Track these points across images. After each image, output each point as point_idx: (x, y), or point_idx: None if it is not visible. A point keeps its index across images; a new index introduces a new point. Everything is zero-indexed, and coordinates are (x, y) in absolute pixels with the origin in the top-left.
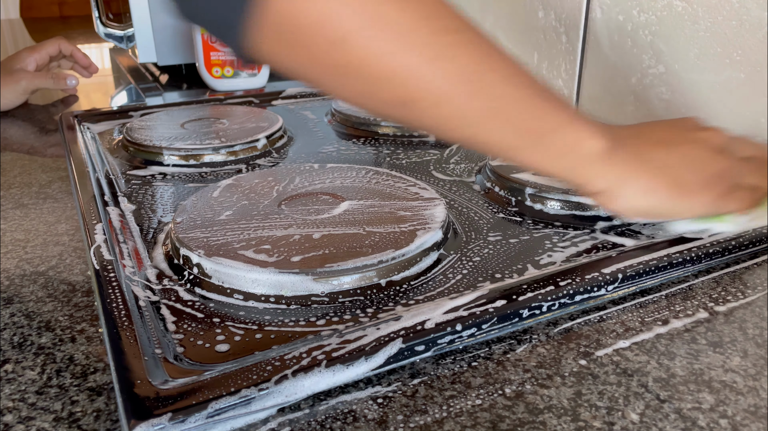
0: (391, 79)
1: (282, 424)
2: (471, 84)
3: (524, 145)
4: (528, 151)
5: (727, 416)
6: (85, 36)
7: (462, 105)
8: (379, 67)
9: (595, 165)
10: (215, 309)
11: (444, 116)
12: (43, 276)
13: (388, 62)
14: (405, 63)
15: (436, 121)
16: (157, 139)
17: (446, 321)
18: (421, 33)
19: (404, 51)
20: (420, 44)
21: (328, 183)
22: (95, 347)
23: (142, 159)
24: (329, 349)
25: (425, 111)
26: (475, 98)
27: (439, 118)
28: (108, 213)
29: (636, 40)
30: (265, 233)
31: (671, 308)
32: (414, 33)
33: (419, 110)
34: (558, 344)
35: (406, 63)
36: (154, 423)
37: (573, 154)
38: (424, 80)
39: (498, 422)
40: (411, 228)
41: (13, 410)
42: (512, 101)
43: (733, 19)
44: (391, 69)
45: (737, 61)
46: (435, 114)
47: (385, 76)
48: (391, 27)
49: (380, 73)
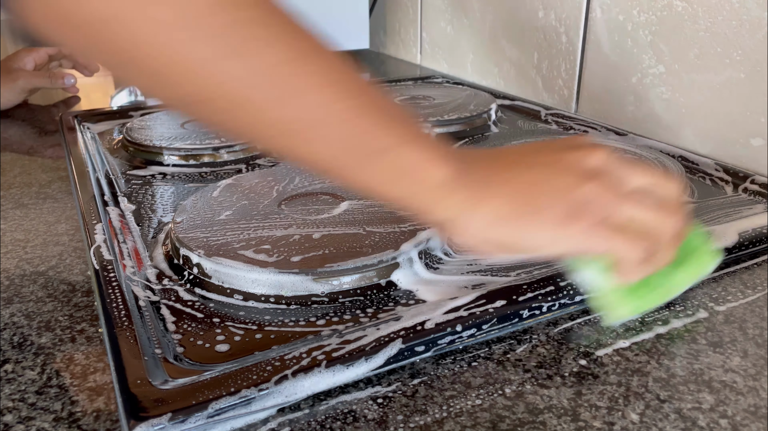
0: (175, 74)
1: (282, 424)
2: (274, 88)
3: (348, 165)
4: (353, 172)
5: (727, 416)
6: None
7: (265, 112)
8: (158, 58)
9: (435, 192)
10: (215, 309)
11: (246, 123)
12: (43, 276)
13: (169, 52)
14: (190, 55)
15: (238, 127)
16: (157, 139)
17: (446, 321)
18: (215, 20)
19: (190, 40)
20: (212, 34)
21: (328, 183)
22: (95, 347)
23: (142, 159)
24: (329, 349)
25: (222, 114)
26: (280, 105)
27: (240, 125)
28: (108, 213)
29: (636, 40)
30: (265, 233)
31: (671, 308)
32: (206, 19)
33: (215, 113)
34: (558, 344)
35: (191, 55)
36: (154, 423)
37: (409, 178)
38: (215, 78)
39: (498, 422)
40: (411, 228)
41: (13, 410)
42: (331, 112)
43: (733, 19)
44: (172, 60)
45: (737, 61)
46: (234, 119)
47: (166, 68)
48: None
49: (160, 64)
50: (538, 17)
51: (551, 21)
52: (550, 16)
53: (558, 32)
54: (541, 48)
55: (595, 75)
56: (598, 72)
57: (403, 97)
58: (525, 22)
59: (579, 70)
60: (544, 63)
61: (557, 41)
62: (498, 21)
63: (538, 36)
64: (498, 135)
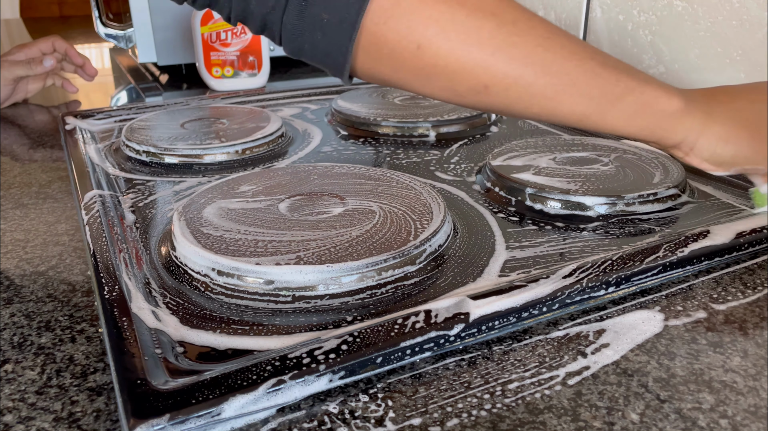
0: (464, 72)
1: (282, 424)
2: (535, 66)
3: (598, 110)
4: (603, 116)
5: (727, 416)
6: (85, 36)
7: (530, 85)
8: (452, 65)
9: (671, 119)
10: (216, 308)
11: (516, 97)
12: (43, 276)
13: (459, 59)
14: (473, 57)
15: (511, 102)
16: (157, 139)
17: (446, 321)
18: (484, 29)
19: (471, 47)
20: (485, 39)
21: (328, 183)
22: (95, 347)
23: (143, 159)
24: (329, 349)
25: (499, 95)
26: (540, 77)
27: (513, 100)
28: (108, 213)
29: (636, 40)
30: (266, 233)
31: (671, 308)
32: (479, 31)
33: (493, 95)
34: (558, 344)
35: (474, 57)
36: (154, 424)
37: (648, 111)
38: (492, 69)
39: (498, 422)
40: (411, 228)
41: (13, 410)
42: (580, 73)
43: (733, 19)
44: (461, 64)
45: (737, 61)
46: (509, 96)
47: (458, 71)
48: (458, 29)
49: (454, 69)
50: None
51: (551, 21)
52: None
53: None
54: None
55: None
56: None
57: (404, 96)
58: None
59: None
60: None
61: None
62: None
63: None
64: (498, 135)
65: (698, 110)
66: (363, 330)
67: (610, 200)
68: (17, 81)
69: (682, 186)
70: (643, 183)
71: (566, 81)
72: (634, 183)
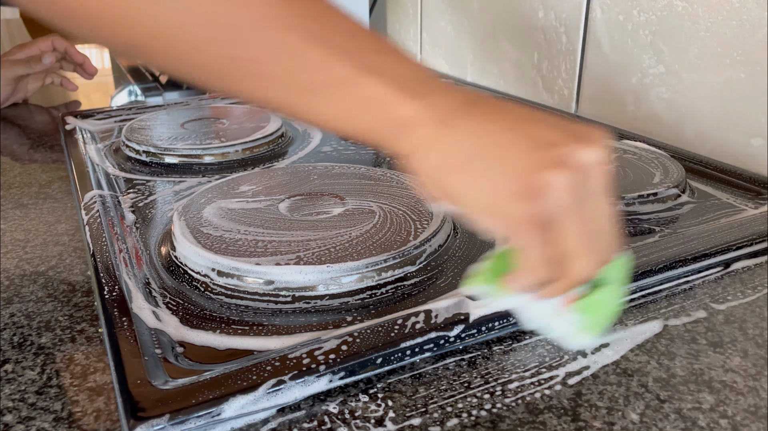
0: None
1: (282, 424)
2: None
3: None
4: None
5: (727, 416)
6: None
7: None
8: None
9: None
10: (216, 308)
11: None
12: (43, 276)
13: None
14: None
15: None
16: (157, 139)
17: (446, 321)
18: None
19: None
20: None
21: (328, 183)
22: (95, 347)
23: (142, 159)
24: (329, 349)
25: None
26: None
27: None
28: (108, 213)
29: (636, 40)
30: (265, 233)
31: (671, 308)
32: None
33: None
34: (558, 344)
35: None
36: (153, 424)
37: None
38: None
39: (498, 422)
40: (411, 228)
41: (13, 410)
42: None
43: (733, 19)
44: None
45: (737, 61)
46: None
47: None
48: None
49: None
50: (538, 17)
51: (551, 21)
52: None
53: (558, 32)
54: (541, 48)
55: (595, 75)
56: (598, 72)
57: None
58: (525, 22)
59: (579, 70)
60: (544, 63)
61: (557, 41)
62: (498, 21)
63: (538, 36)
64: None
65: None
66: (363, 330)
67: (610, 200)
68: (17, 80)
69: (682, 186)
70: (643, 183)
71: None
72: (634, 183)
